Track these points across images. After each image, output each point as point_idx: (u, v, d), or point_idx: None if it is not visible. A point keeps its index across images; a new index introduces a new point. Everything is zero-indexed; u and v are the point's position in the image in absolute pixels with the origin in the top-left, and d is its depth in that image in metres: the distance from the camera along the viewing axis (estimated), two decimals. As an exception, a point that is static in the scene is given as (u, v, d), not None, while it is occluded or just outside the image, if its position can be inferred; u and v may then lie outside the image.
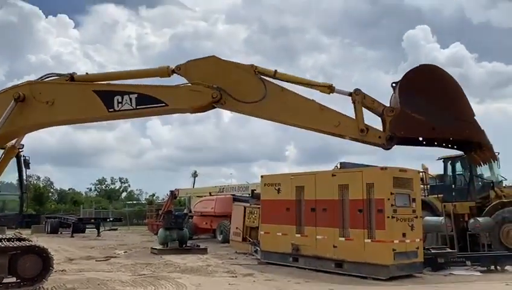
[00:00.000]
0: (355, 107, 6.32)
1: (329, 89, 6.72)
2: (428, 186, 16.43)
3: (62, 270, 10.84)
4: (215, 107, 7.12)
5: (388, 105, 6.11)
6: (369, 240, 10.17)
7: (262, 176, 13.53)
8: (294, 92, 6.98)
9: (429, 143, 6.04)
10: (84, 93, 7.58)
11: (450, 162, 15.66)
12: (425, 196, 15.53)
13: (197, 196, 28.27)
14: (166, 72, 7.35)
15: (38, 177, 53.38)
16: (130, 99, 7.25)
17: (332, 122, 6.44)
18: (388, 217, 9.97)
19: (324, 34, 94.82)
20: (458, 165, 15.68)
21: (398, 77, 6.08)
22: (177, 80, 7.34)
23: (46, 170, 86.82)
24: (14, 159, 10.06)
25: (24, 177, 10.44)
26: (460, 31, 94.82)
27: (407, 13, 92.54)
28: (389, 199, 10.05)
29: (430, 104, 5.75)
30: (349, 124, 6.33)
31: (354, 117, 6.37)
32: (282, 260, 11.97)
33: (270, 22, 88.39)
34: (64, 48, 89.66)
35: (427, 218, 13.12)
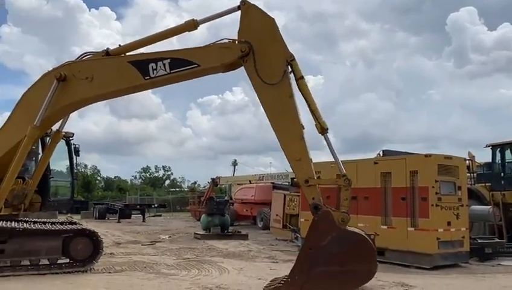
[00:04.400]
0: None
1: (321, 132, 7.22)
2: (475, 174, 15.85)
3: (110, 253, 11.36)
4: (242, 66, 7.36)
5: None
6: (413, 229, 10.00)
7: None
8: (296, 106, 7.20)
9: None
10: (120, 65, 8.07)
11: (498, 149, 14.99)
12: (471, 184, 15.00)
13: (238, 184, 28.66)
14: (193, 24, 7.76)
15: (86, 166, 55.68)
16: (164, 64, 7.66)
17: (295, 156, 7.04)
18: (432, 205, 9.76)
19: (363, 19, 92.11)
20: (508, 153, 14.99)
21: (443, 63, 5.90)
22: (201, 36, 7.76)
23: (93, 159, 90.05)
24: (65, 147, 10.57)
25: (74, 164, 10.94)
26: (509, 11, 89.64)
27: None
28: (433, 187, 9.83)
29: None
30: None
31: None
32: (322, 247, 11.96)
33: (308, 8, 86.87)
34: (107, 40, 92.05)
35: (474, 207, 12.70)
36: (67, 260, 8.70)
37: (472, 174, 15.61)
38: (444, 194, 9.99)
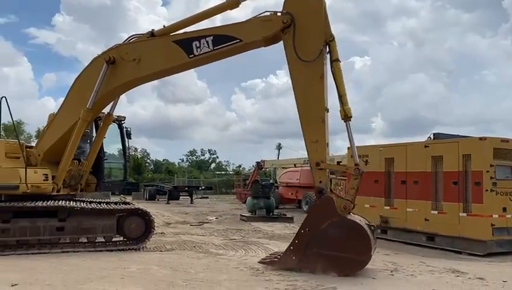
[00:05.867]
0: None
1: (344, 118, 7.25)
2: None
3: (161, 233, 11.78)
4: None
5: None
6: (465, 214, 9.67)
7: (348, 148, 13.31)
8: (325, 88, 7.24)
9: None
10: (165, 45, 8.33)
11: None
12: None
13: (282, 167, 28.70)
14: (234, 2, 7.89)
15: (136, 149, 57.56)
16: (207, 42, 7.84)
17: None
18: (487, 190, 9.38)
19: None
20: None
21: (499, 41, 5.65)
22: (242, 14, 7.90)
23: (142, 142, 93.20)
24: (117, 131, 10.97)
25: (127, 147, 11.35)
26: None
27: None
28: (488, 171, 9.42)
29: None
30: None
31: None
32: (369, 232, 11.84)
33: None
34: (154, 25, 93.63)
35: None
36: (121, 238, 9.13)
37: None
38: (500, 179, 9.55)
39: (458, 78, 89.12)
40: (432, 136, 11.52)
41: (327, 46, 7.34)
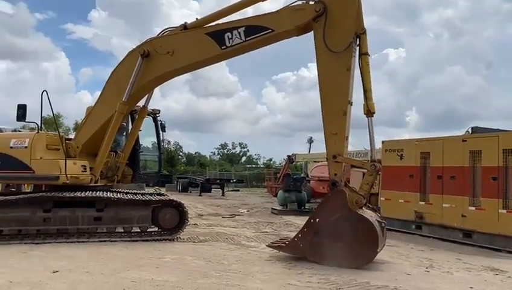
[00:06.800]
0: None
1: (367, 114, 7.28)
2: None
3: (194, 224, 11.96)
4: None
5: None
6: (504, 211, 9.33)
7: (383, 142, 13.11)
8: (350, 81, 7.13)
9: None
10: (197, 38, 8.44)
11: None
12: None
13: (314, 161, 28.49)
14: None
15: (169, 142, 58.56)
16: (239, 33, 7.88)
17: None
18: (529, 186, 9.02)
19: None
20: None
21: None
22: (274, 7, 7.87)
23: (175, 135, 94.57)
24: (152, 124, 11.19)
25: (161, 139, 11.56)
26: None
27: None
28: (530, 167, 9.05)
29: None
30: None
31: None
32: (403, 227, 11.65)
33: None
34: (186, 20, 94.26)
35: None
36: (156, 229, 9.33)
37: None
38: (543, 174, 9.17)
39: (497, 69, 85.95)
40: (470, 130, 11.18)
41: (357, 39, 7.23)
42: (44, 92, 8.61)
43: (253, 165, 60.15)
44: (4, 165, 8.96)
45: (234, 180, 35.33)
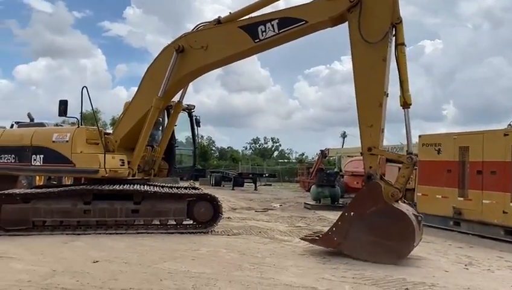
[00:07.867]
0: None
1: (403, 105, 7.12)
2: None
3: (228, 218, 12.08)
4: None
5: None
6: (549, 208, 8.97)
7: (420, 136, 12.81)
8: (386, 71, 6.97)
9: None
10: (231, 31, 8.48)
11: None
12: None
13: (348, 156, 28.14)
14: None
15: (202, 136, 59.25)
16: (272, 25, 7.87)
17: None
18: None
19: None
20: None
21: None
22: None
23: (208, 130, 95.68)
24: (187, 119, 11.36)
25: (196, 134, 11.72)
26: None
27: None
28: None
29: None
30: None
31: None
32: (441, 223, 11.37)
33: (426, -33, 79.97)
34: (218, 14, 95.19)
35: None
36: (191, 222, 9.49)
37: None
38: None
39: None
40: (511, 124, 10.78)
41: (393, 29, 7.07)
42: (85, 88, 8.85)
43: (285, 160, 60.08)
44: (47, 158, 9.33)
45: (266, 175, 35.41)
